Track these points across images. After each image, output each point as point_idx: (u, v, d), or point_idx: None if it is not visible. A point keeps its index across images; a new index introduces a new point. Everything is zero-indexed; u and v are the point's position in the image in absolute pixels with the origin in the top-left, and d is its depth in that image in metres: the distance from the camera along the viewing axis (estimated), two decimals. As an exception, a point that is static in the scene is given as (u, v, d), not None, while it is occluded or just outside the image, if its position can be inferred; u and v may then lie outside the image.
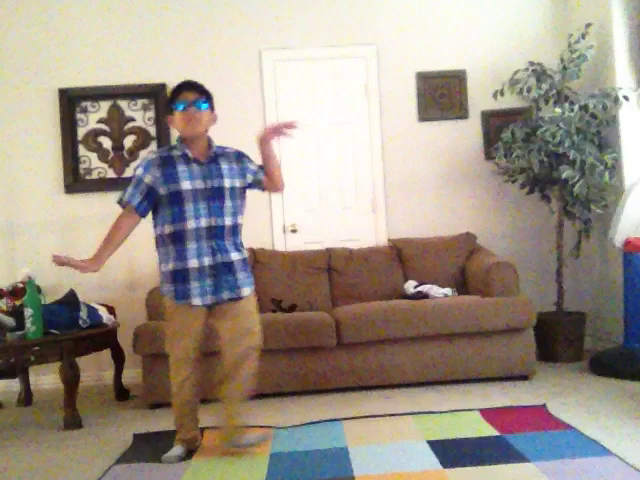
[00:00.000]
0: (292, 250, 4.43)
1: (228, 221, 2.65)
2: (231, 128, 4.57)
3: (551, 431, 2.73)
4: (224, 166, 2.68)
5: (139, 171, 2.63)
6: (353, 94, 4.64)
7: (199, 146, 2.67)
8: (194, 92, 2.63)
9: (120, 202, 2.67)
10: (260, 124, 4.58)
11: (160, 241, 2.68)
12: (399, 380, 3.67)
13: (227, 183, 2.65)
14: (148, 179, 2.61)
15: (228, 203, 2.65)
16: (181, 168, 2.61)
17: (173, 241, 2.61)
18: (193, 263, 2.59)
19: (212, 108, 2.70)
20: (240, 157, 2.77)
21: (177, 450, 2.72)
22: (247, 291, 2.69)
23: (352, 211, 4.61)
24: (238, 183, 2.70)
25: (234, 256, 2.66)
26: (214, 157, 2.68)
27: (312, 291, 4.16)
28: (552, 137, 3.91)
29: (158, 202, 2.64)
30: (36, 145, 4.51)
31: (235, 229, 2.70)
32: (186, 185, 2.59)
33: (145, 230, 4.51)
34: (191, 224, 2.58)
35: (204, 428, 3.07)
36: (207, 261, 2.60)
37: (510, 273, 3.79)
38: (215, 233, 2.62)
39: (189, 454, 2.75)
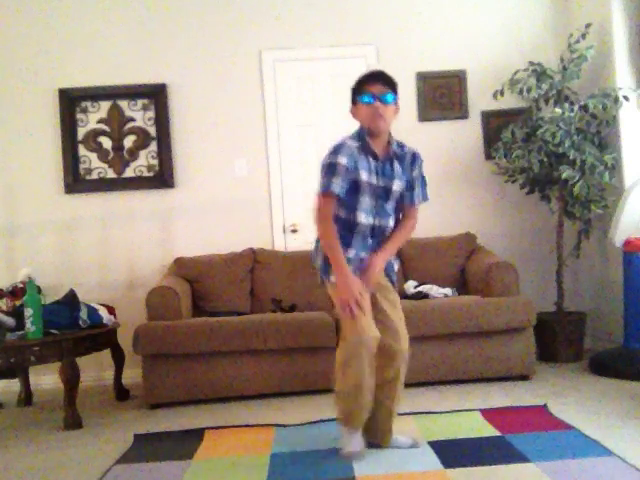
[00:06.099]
0: (292, 250, 4.43)
1: (391, 221, 2.64)
2: (231, 128, 4.59)
3: (552, 431, 2.73)
4: (397, 167, 2.60)
5: (343, 160, 2.49)
6: (353, 94, 4.64)
7: (379, 141, 2.58)
8: (381, 84, 2.53)
9: (326, 192, 2.50)
10: (260, 124, 4.59)
11: (335, 218, 2.56)
12: (399, 380, 3.66)
13: (396, 186, 2.59)
14: (351, 165, 2.50)
15: (390, 205, 2.61)
16: (361, 158, 2.53)
17: (343, 226, 2.56)
18: (351, 253, 2.56)
19: (396, 100, 2.58)
20: (414, 161, 2.66)
21: (359, 440, 2.54)
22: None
23: (352, 211, 4.60)
24: (402, 186, 2.63)
25: None
26: (391, 156, 2.60)
27: (312, 291, 4.15)
28: (552, 137, 3.91)
29: None
30: (36, 145, 4.50)
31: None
32: (364, 176, 2.52)
33: (145, 230, 4.55)
34: (361, 217, 2.55)
35: (204, 428, 3.08)
36: (363, 254, 2.58)
37: (510, 273, 3.79)
38: (377, 233, 2.60)
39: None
